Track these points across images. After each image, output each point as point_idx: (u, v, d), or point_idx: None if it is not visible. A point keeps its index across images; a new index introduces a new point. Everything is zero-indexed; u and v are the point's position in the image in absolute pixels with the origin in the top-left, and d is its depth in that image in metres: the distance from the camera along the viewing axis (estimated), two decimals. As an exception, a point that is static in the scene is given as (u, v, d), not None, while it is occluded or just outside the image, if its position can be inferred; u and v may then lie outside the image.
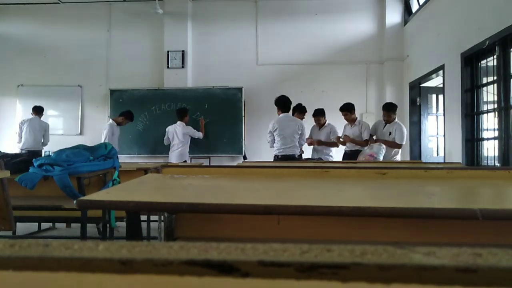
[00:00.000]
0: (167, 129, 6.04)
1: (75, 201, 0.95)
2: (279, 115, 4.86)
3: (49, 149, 6.57)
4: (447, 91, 5.15)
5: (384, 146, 4.77)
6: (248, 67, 7.10)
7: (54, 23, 7.42)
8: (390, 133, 4.97)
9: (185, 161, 5.94)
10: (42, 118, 6.59)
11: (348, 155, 5.25)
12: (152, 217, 3.61)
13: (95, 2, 7.34)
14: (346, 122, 5.35)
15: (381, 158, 4.65)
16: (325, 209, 0.92)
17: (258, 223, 1.33)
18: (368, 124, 5.29)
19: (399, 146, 4.95)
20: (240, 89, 6.84)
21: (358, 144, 5.17)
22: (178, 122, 5.98)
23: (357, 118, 5.31)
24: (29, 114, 6.59)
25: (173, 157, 5.89)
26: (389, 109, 5.02)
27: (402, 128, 4.97)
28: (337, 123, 5.45)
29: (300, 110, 5.30)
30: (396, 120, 5.03)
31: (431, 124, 6.29)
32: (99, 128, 7.17)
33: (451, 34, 4.97)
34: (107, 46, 7.34)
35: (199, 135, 6.21)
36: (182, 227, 1.38)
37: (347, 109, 5.19)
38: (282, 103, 4.84)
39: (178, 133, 5.92)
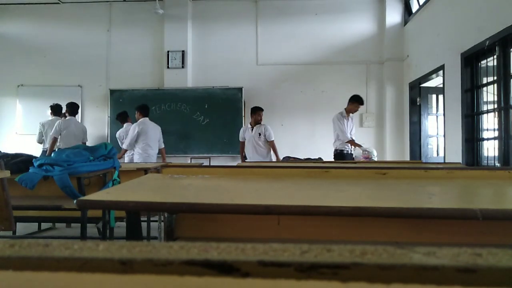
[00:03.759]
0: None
1: (75, 201, 0.95)
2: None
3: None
4: (447, 91, 5.15)
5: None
6: (248, 67, 7.10)
7: (54, 23, 7.41)
8: None
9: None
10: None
11: None
12: (152, 217, 3.62)
13: (95, 2, 7.34)
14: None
15: (375, 158, 4.66)
16: (325, 209, 0.92)
17: (258, 223, 1.33)
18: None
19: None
20: (240, 89, 6.84)
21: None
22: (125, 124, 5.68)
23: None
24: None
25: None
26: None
27: None
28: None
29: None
30: None
31: (431, 124, 6.29)
32: (99, 128, 7.20)
33: (451, 34, 4.97)
34: (107, 46, 7.34)
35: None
36: (182, 227, 1.38)
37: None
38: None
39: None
